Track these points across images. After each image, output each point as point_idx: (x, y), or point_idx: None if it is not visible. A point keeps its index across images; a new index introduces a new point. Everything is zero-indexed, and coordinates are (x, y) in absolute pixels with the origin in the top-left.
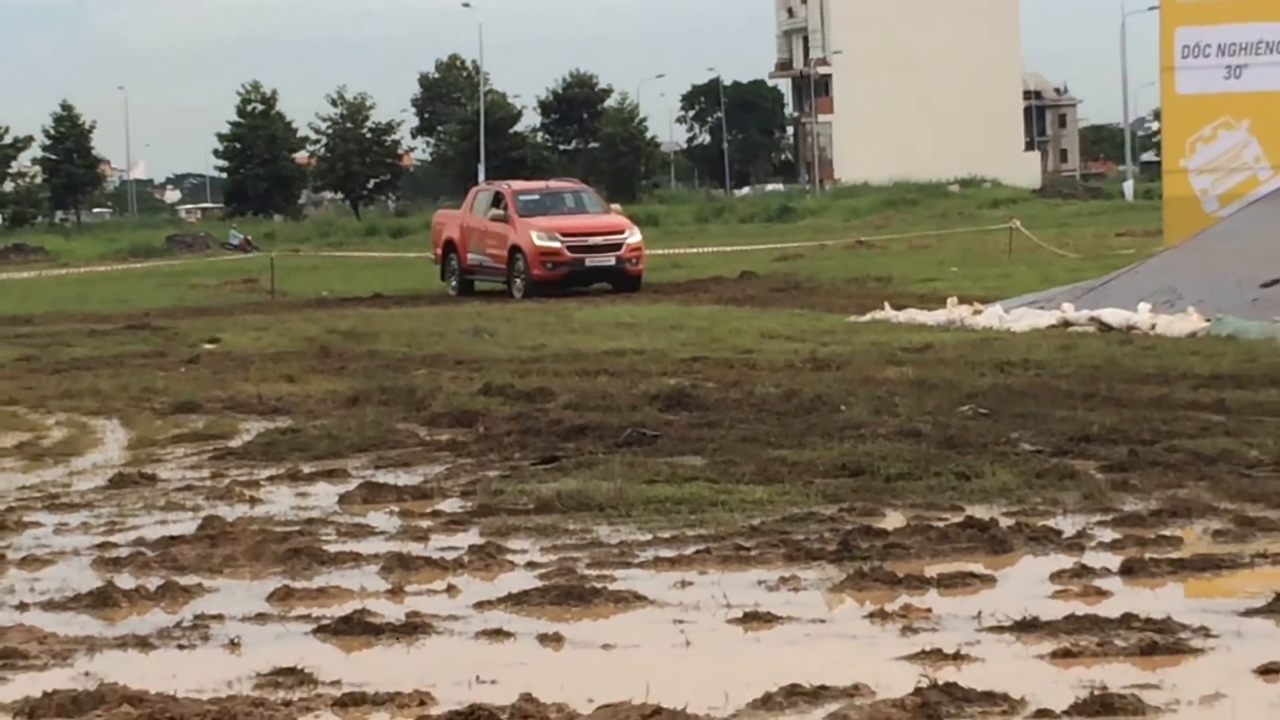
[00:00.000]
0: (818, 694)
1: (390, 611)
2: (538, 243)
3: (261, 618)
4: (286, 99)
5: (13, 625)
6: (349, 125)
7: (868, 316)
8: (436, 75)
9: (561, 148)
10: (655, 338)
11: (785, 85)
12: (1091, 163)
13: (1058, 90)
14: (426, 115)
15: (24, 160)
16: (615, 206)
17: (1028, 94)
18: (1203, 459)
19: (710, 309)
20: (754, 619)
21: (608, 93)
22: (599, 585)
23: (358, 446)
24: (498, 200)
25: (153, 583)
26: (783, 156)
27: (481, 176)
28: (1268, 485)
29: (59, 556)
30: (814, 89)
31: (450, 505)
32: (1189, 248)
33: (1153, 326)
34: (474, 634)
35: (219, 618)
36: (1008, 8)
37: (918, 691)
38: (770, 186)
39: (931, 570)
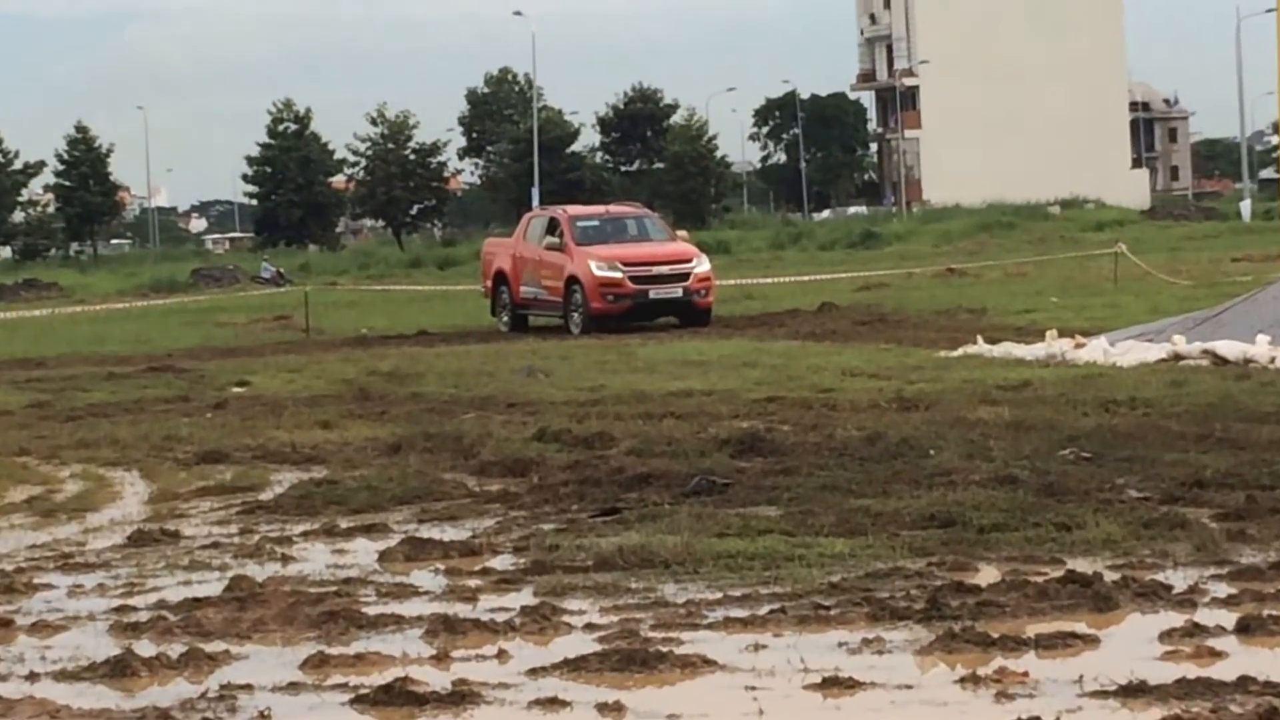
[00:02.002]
0: None
1: (435, 679)
2: (597, 273)
3: (294, 687)
4: (322, 118)
5: (22, 698)
6: (390, 146)
7: (959, 351)
8: (486, 90)
9: (623, 169)
10: (726, 377)
11: (868, 98)
12: (1205, 180)
13: (1167, 101)
14: (475, 134)
15: (35, 187)
16: (682, 233)
17: (1134, 105)
18: None
19: (786, 345)
20: (834, 685)
21: (673, 108)
22: (664, 649)
23: (400, 499)
24: (553, 227)
25: (175, 650)
26: (866, 176)
27: (535, 201)
28: None
29: (73, 621)
30: (900, 102)
31: (501, 562)
32: None
33: (1272, 360)
34: (527, 704)
35: (248, 688)
36: (1112, 11)
37: None
38: (852, 209)
39: (1029, 630)
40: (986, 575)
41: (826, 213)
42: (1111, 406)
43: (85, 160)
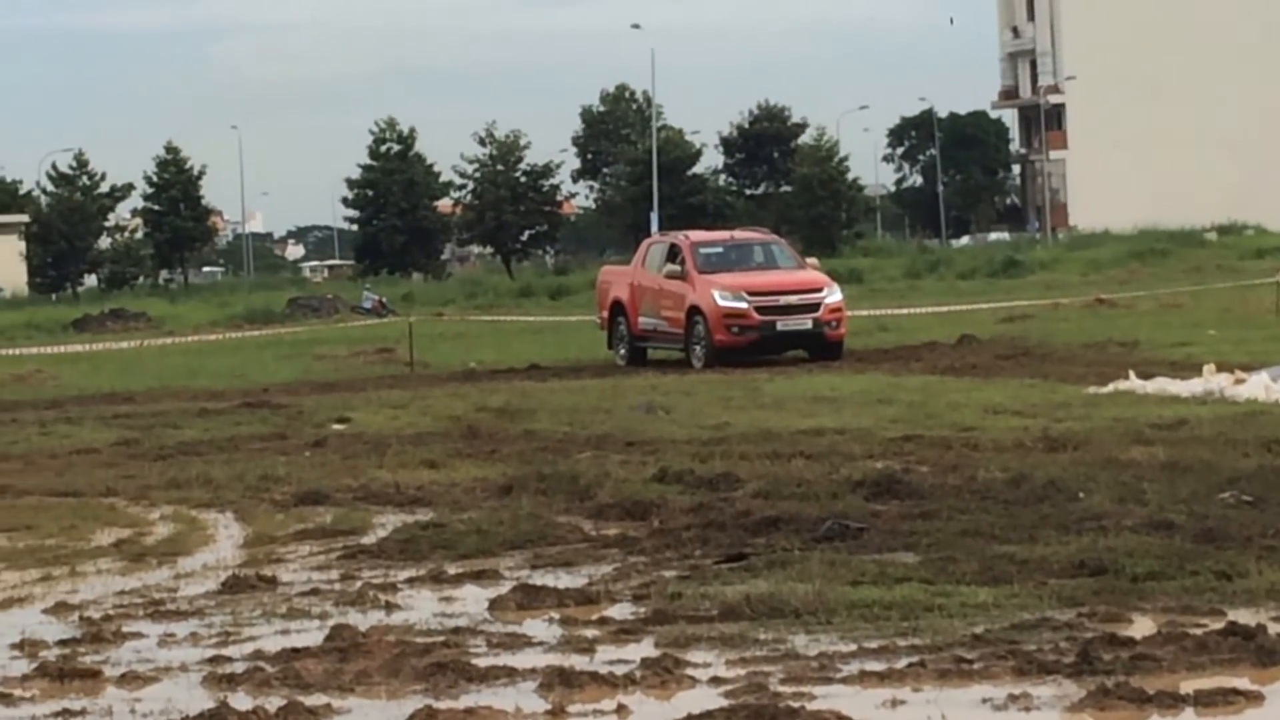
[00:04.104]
0: None
1: None
2: (721, 304)
3: None
4: (426, 138)
5: None
6: (500, 168)
7: (1110, 387)
8: (601, 109)
9: (748, 192)
10: (859, 414)
11: (1010, 116)
12: None
13: None
14: (590, 155)
15: (123, 212)
16: (812, 261)
17: None
18: None
19: (924, 380)
20: None
21: (802, 127)
22: (795, 704)
23: (511, 543)
24: (674, 254)
25: (273, 703)
26: (1008, 200)
27: (655, 226)
28: None
29: (164, 673)
30: (1044, 120)
31: (620, 611)
32: None
33: None
34: None
35: None
36: (1273, 20)
37: None
38: (994, 235)
39: (1187, 686)
40: (1141, 627)
41: (966, 239)
42: (1274, 446)
43: (176, 183)
